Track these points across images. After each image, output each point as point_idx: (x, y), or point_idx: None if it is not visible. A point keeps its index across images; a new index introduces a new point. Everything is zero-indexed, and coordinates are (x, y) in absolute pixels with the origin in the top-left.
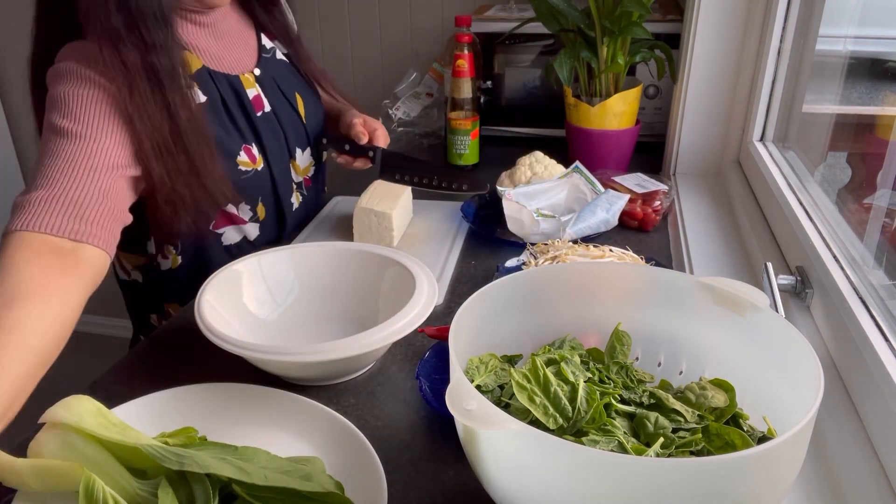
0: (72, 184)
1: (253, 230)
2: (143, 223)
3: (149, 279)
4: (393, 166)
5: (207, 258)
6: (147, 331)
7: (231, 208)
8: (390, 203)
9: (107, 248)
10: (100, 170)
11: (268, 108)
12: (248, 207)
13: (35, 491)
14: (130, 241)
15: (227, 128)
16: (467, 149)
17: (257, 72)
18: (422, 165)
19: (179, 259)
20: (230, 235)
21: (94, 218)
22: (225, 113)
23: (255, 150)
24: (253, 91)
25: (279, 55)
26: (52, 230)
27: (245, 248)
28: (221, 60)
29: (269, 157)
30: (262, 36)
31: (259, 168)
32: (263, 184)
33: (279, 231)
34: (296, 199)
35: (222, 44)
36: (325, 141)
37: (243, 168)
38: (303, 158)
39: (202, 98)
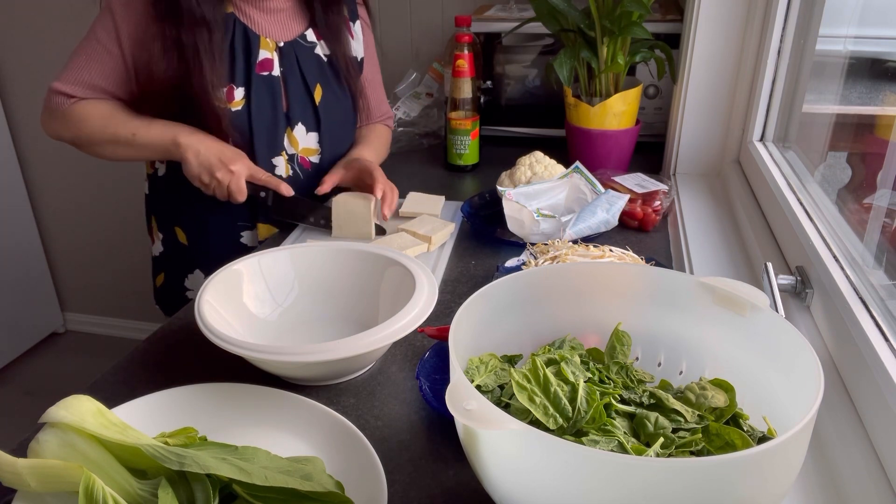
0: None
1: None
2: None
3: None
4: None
5: (177, 180)
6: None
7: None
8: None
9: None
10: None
11: (276, 73)
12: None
13: (35, 491)
14: None
15: (220, 62)
16: (467, 149)
17: (282, 44)
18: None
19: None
20: None
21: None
22: (227, 52)
23: (237, 93)
24: (266, 53)
25: (318, 51)
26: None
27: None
28: (251, 19)
29: (251, 106)
30: (310, 30)
31: (234, 109)
32: (238, 125)
33: (254, 188)
34: (283, 168)
35: (260, 10)
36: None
37: (217, 104)
38: (305, 138)
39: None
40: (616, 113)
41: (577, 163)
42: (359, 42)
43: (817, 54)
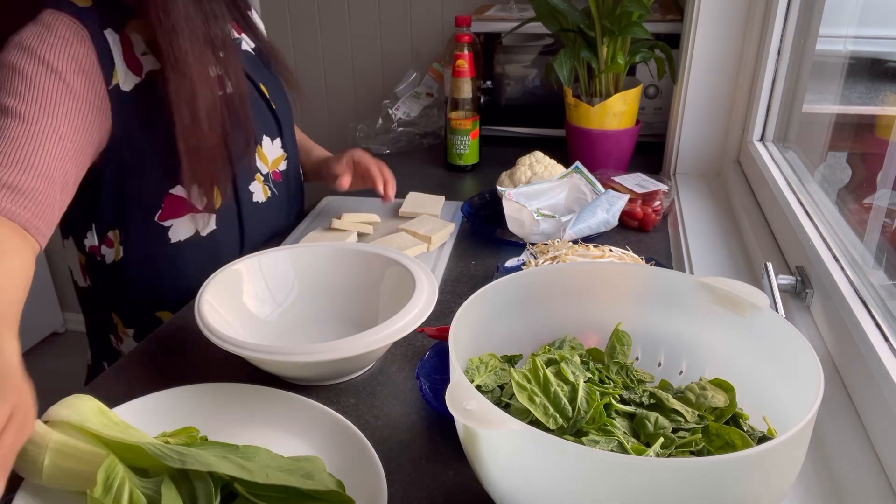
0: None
1: (206, 223)
2: (83, 206)
3: (95, 280)
4: None
5: (153, 254)
6: (107, 356)
7: (181, 191)
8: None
9: (42, 238)
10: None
11: (230, 90)
12: (200, 192)
13: (41, 481)
14: (71, 227)
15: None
16: (467, 149)
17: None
18: None
19: (122, 251)
20: (179, 229)
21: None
22: None
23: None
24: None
25: (245, 47)
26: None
27: (196, 246)
28: None
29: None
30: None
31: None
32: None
33: (240, 227)
34: (261, 192)
35: None
36: None
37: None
38: (271, 148)
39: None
40: (616, 113)
41: (577, 163)
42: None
43: (817, 54)
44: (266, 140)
